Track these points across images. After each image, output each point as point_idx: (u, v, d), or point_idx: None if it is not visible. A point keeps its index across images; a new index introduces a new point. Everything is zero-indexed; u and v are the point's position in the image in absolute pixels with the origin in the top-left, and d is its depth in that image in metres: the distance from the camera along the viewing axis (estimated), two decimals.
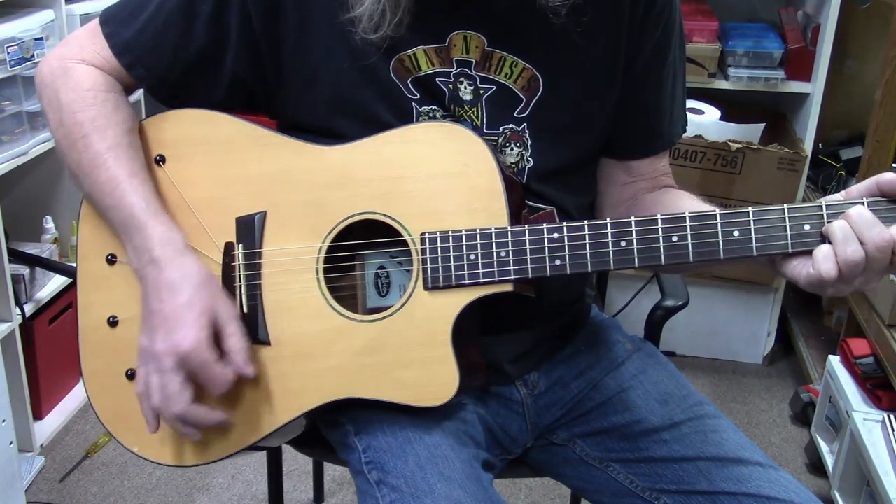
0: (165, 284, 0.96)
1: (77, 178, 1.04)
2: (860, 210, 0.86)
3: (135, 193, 0.99)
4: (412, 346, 0.97)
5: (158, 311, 0.96)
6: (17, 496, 1.78)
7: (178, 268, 0.97)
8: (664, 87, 1.12)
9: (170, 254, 0.97)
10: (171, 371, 0.95)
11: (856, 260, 0.85)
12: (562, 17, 0.98)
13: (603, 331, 1.23)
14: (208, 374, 0.95)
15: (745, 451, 1.05)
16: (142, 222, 0.98)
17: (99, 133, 1.01)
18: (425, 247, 0.96)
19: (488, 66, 1.04)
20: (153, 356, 0.96)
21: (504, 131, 1.05)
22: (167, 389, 0.95)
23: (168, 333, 0.95)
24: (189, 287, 0.96)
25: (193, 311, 0.95)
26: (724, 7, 2.59)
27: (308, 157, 1.01)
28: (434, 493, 0.92)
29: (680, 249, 0.91)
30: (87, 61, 1.05)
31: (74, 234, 2.19)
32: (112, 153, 1.01)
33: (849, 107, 2.75)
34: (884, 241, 0.85)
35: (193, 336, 0.94)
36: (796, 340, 2.63)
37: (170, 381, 0.95)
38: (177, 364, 0.95)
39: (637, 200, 1.16)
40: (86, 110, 1.02)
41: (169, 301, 0.96)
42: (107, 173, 1.00)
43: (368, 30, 0.98)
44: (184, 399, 0.96)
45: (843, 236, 0.86)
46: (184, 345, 0.94)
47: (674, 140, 1.17)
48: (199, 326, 0.95)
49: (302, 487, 2.05)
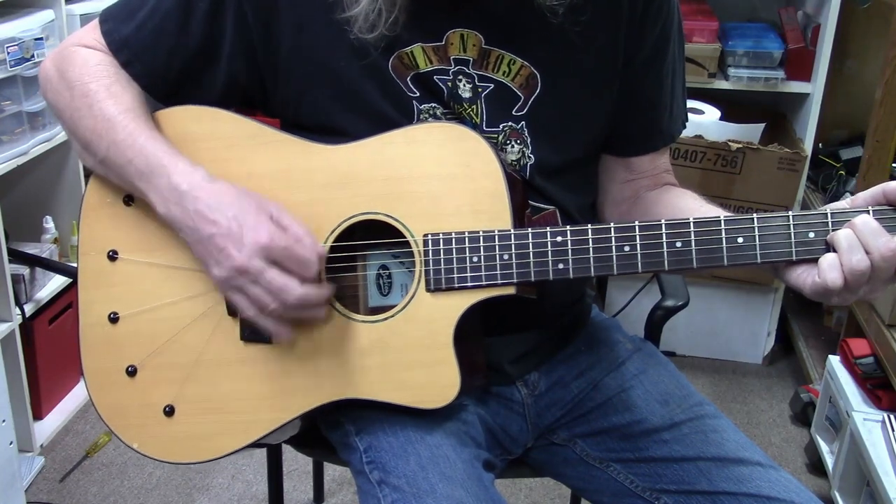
0: (207, 207, 0.94)
1: (91, 145, 1.02)
2: (866, 219, 0.86)
3: (155, 140, 0.99)
4: (414, 347, 0.97)
5: (217, 233, 0.93)
6: (17, 496, 1.78)
7: (213, 191, 0.95)
8: (663, 84, 1.12)
9: (198, 180, 0.96)
10: (265, 269, 0.92)
11: (861, 269, 0.85)
12: (559, 16, 0.98)
13: (603, 331, 1.23)
14: (295, 255, 0.92)
15: (746, 451, 1.05)
16: (166, 162, 0.97)
17: (114, 98, 1.02)
18: (428, 248, 0.96)
19: (486, 64, 1.04)
20: (239, 271, 0.92)
21: (504, 129, 1.05)
22: (273, 286, 0.92)
23: (239, 243, 0.92)
24: (233, 199, 0.95)
25: (250, 214, 0.93)
26: (724, 7, 2.59)
27: (310, 156, 1.01)
28: (436, 493, 0.92)
29: (683, 255, 0.91)
30: (89, 46, 1.06)
31: (74, 234, 2.20)
32: (130, 114, 1.01)
33: (849, 107, 2.75)
34: (889, 250, 0.85)
35: (265, 228, 0.92)
36: (796, 340, 2.63)
37: (272, 278, 0.92)
38: (265, 260, 0.92)
39: (638, 199, 1.16)
40: (99, 79, 1.03)
41: (221, 218, 0.93)
42: (125, 130, 1.00)
43: (364, 29, 0.98)
44: (294, 283, 0.92)
45: (848, 245, 0.86)
46: (262, 239, 0.91)
47: (674, 136, 1.17)
48: (264, 221, 0.93)
49: (302, 487, 2.05)
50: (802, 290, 0.90)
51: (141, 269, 1.04)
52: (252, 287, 0.93)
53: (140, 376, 1.04)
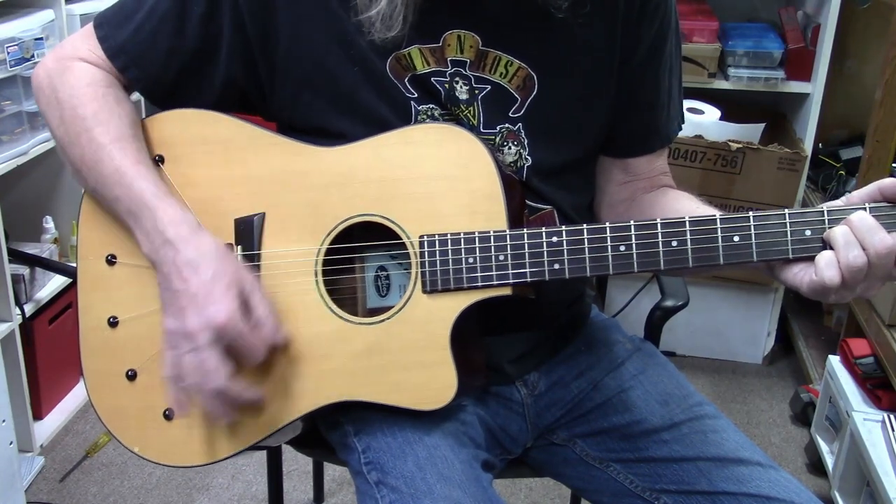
0: (185, 263, 0.94)
1: (80, 173, 1.03)
2: (862, 216, 0.86)
3: (143, 179, 0.98)
4: (411, 349, 0.96)
5: (184, 291, 0.94)
6: (17, 496, 1.78)
7: (196, 245, 0.95)
8: (660, 85, 1.12)
9: (184, 232, 0.96)
10: (208, 347, 0.92)
11: (858, 265, 0.85)
12: (563, 9, 0.97)
13: (603, 331, 1.23)
14: (246, 344, 0.93)
15: (745, 451, 1.05)
16: (152, 206, 0.97)
17: (102, 126, 1.01)
18: (424, 249, 0.96)
19: (483, 65, 1.03)
20: (186, 336, 0.93)
21: (501, 130, 1.05)
22: (205, 366, 0.92)
23: (200, 309, 0.92)
24: (211, 262, 0.94)
25: (221, 285, 0.93)
26: (724, 7, 2.59)
27: (307, 158, 1.01)
28: (433, 494, 0.92)
29: (679, 255, 0.91)
30: (84, 59, 1.05)
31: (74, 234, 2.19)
32: (117, 144, 1.00)
33: (849, 107, 2.75)
34: (885, 247, 0.84)
35: (226, 308, 0.92)
36: (796, 340, 2.63)
37: (207, 357, 0.92)
38: (213, 339, 0.92)
39: (635, 201, 1.16)
40: (87, 105, 1.02)
41: (194, 278, 0.93)
42: (112, 164, 0.99)
43: (381, 30, 0.97)
44: (224, 373, 0.93)
45: (844, 242, 0.86)
46: (219, 318, 0.91)
47: (671, 137, 1.17)
48: (230, 298, 0.93)
49: (302, 487, 2.05)
50: (800, 288, 0.90)
51: (139, 274, 1.04)
52: (186, 355, 0.93)
53: (140, 380, 1.04)
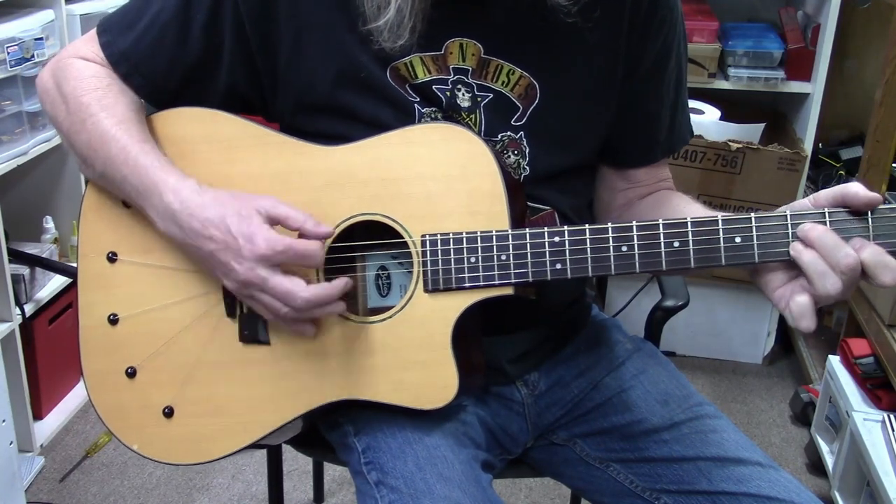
0: (202, 224, 0.94)
1: (88, 160, 1.03)
2: (822, 234, 0.85)
3: (146, 155, 0.99)
4: (412, 348, 0.97)
5: (215, 249, 0.94)
6: (17, 496, 1.78)
7: (205, 205, 0.95)
8: (664, 98, 1.12)
9: (189, 196, 0.96)
10: (269, 277, 0.92)
11: (835, 293, 0.85)
12: (572, 14, 0.97)
13: (603, 331, 1.23)
14: (296, 253, 0.92)
15: (746, 451, 1.05)
16: (156, 180, 0.97)
17: (107, 111, 1.01)
18: (426, 249, 0.96)
19: (485, 73, 1.03)
20: (244, 284, 0.93)
21: (502, 139, 1.05)
22: (279, 292, 0.93)
23: (238, 255, 0.93)
24: (225, 209, 0.94)
25: (244, 223, 0.93)
26: (724, 7, 2.59)
27: (309, 157, 1.01)
28: (433, 494, 0.92)
29: (681, 255, 0.91)
30: (86, 58, 1.06)
31: (74, 234, 2.20)
32: (122, 126, 1.01)
33: (849, 107, 2.75)
34: (848, 266, 0.84)
35: (260, 237, 0.92)
36: (796, 340, 2.63)
37: (276, 284, 0.92)
38: (268, 268, 0.92)
39: (630, 205, 1.16)
40: (91, 92, 1.03)
41: (217, 233, 0.94)
42: (118, 145, 1.00)
43: (389, 40, 0.97)
44: (299, 287, 0.93)
45: (818, 273, 0.85)
46: (259, 249, 0.92)
47: (674, 149, 1.17)
48: (258, 227, 0.93)
49: (302, 487, 2.05)
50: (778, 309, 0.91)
51: (140, 271, 1.04)
52: (261, 295, 0.94)
53: (139, 378, 1.04)
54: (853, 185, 0.86)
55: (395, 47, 0.97)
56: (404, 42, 0.96)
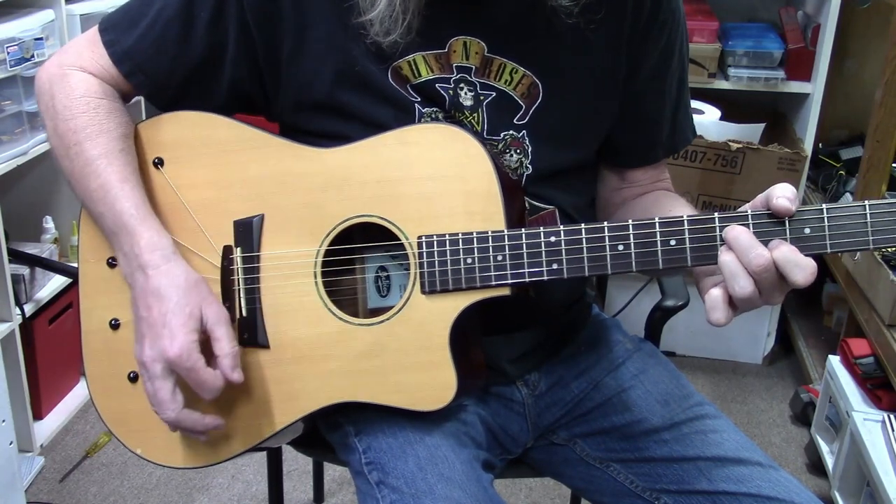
0: (152, 291, 0.96)
1: (70, 184, 1.04)
2: (737, 234, 0.86)
3: (125, 199, 0.99)
4: (410, 350, 0.96)
5: (145, 319, 0.95)
6: (17, 496, 1.78)
7: (165, 274, 0.96)
8: (665, 100, 1.12)
9: (157, 259, 0.97)
10: (160, 378, 0.94)
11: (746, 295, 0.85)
12: (574, 15, 0.97)
13: (603, 331, 1.23)
14: (197, 379, 0.94)
15: (746, 451, 1.05)
16: (131, 228, 0.98)
17: (90, 141, 1.01)
18: (422, 250, 0.96)
19: (488, 72, 1.03)
20: (143, 364, 0.95)
21: (504, 137, 1.05)
22: (158, 396, 0.95)
23: (154, 340, 0.94)
24: (175, 293, 0.95)
25: (179, 317, 0.94)
26: (724, 7, 2.59)
27: (305, 159, 1.01)
28: (434, 494, 0.92)
29: (678, 253, 0.91)
30: (84, 68, 1.05)
31: (74, 234, 2.20)
32: (103, 160, 1.00)
33: (849, 107, 2.75)
34: (760, 266, 0.84)
35: (179, 342, 0.93)
36: (796, 340, 2.63)
37: (159, 388, 0.94)
38: (164, 370, 0.94)
39: (625, 204, 1.17)
40: (77, 118, 1.02)
41: (155, 307, 0.95)
42: (97, 180, 1.00)
43: (380, 34, 0.97)
44: (174, 406, 0.95)
45: (730, 273, 0.86)
46: (170, 351, 0.93)
47: (677, 148, 1.17)
48: (186, 332, 0.94)
49: (302, 487, 2.05)
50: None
51: None
52: (146, 382, 0.96)
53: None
54: (778, 188, 0.86)
55: (385, 42, 0.97)
56: (396, 38, 0.96)
